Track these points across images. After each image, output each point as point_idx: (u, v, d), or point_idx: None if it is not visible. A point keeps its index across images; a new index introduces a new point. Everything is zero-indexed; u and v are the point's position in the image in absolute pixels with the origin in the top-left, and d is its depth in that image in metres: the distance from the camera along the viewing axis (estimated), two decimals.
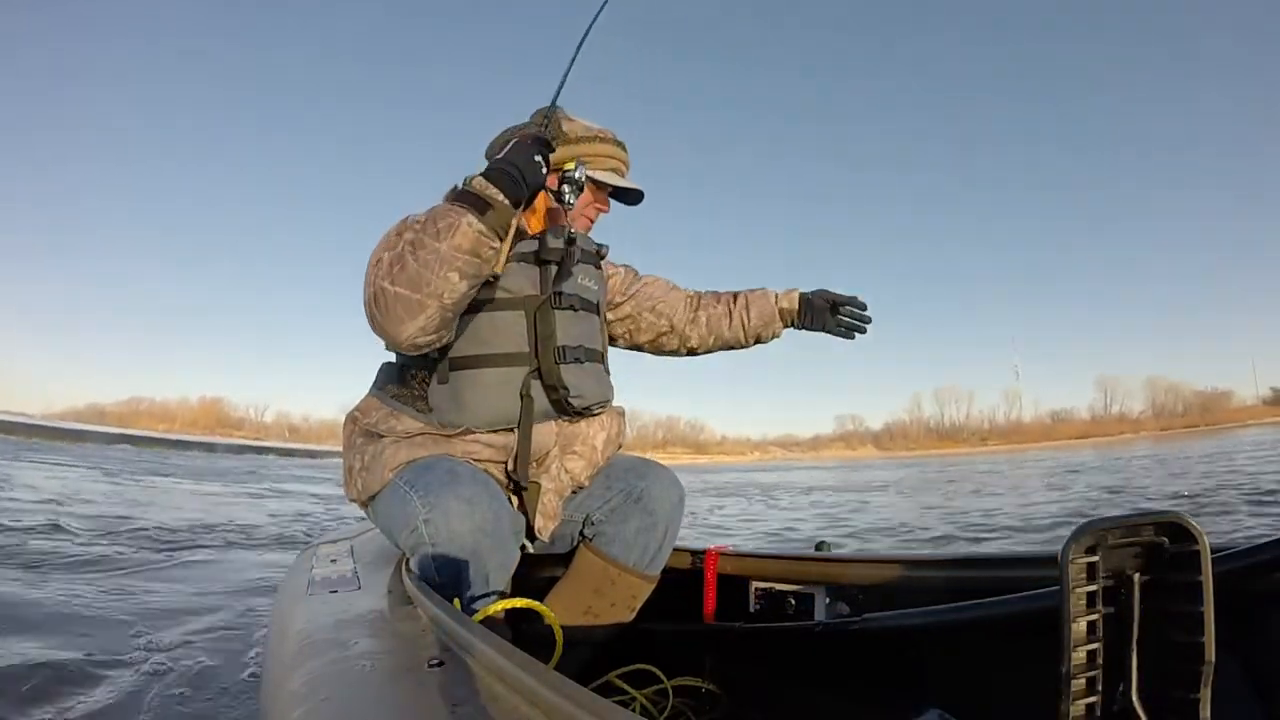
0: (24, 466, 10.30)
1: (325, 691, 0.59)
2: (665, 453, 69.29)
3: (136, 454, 21.14)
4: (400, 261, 0.98)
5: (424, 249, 0.97)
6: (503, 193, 1.00)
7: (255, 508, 7.07)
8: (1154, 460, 14.78)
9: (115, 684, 1.79)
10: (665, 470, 1.32)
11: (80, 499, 6.10)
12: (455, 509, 0.98)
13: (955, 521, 5.86)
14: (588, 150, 1.22)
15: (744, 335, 1.46)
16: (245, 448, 38.22)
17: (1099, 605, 0.61)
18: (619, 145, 1.27)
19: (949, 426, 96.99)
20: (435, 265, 0.97)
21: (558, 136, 1.18)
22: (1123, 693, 0.61)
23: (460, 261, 0.98)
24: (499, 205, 0.99)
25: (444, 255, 0.97)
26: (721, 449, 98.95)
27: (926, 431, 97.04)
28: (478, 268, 1.00)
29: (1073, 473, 12.75)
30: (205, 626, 2.36)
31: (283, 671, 0.69)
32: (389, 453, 1.11)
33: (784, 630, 1.29)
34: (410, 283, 0.98)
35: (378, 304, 1.00)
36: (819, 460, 59.99)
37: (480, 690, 0.52)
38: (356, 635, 0.72)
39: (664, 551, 1.29)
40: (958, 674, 1.07)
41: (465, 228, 0.97)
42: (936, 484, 12.72)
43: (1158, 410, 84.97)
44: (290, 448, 44.55)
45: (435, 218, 0.99)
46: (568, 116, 1.23)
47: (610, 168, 1.25)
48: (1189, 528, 0.59)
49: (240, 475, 13.65)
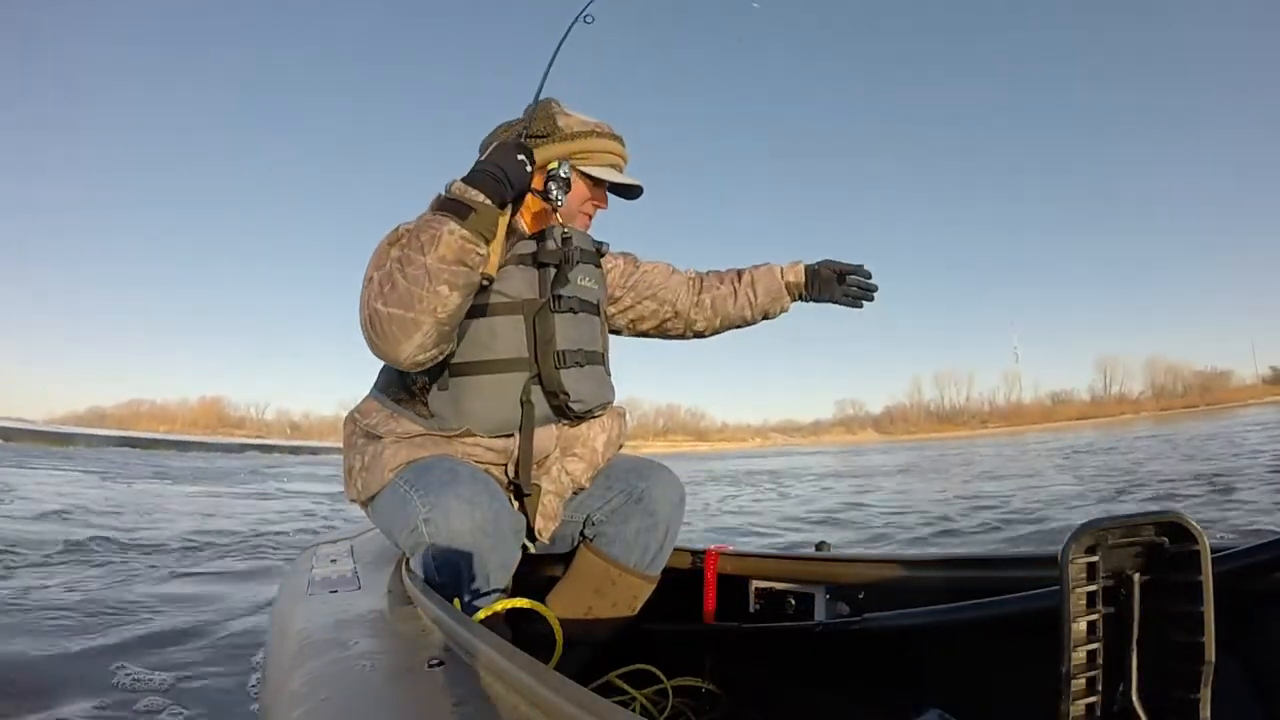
0: (26, 473, 9.98)
1: (325, 691, 0.59)
2: (666, 440, 68.72)
3: (146, 456, 20.95)
4: (390, 280, 0.98)
5: (411, 265, 0.97)
6: (485, 194, 0.99)
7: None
8: (1161, 441, 14.60)
9: (115, 683, 1.79)
10: (666, 470, 1.32)
11: (96, 510, 5.86)
12: (456, 508, 0.98)
13: (999, 508, 5.67)
14: (584, 146, 1.19)
15: (751, 312, 1.43)
16: (247, 446, 38.27)
17: (1099, 605, 0.61)
18: (616, 139, 1.24)
19: (949, 410, 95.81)
20: (424, 280, 0.96)
21: (552, 133, 1.16)
22: (1123, 693, 0.61)
23: (447, 273, 0.97)
24: (481, 208, 0.99)
25: (431, 269, 0.96)
26: (723, 436, 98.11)
27: (926, 415, 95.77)
28: (467, 276, 0.99)
29: (1079, 453, 12.60)
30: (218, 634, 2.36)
31: (283, 671, 0.69)
32: (389, 453, 1.11)
33: (784, 630, 1.29)
34: (401, 301, 0.97)
35: (373, 326, 0.99)
36: (820, 445, 59.62)
37: (480, 690, 0.52)
38: (356, 635, 0.72)
39: (665, 552, 1.29)
40: (958, 674, 1.07)
41: (448, 236, 0.97)
42: (949, 468, 12.42)
43: (1157, 391, 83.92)
44: (294, 445, 44.60)
45: (419, 230, 0.99)
46: (563, 110, 1.20)
47: (607, 163, 1.22)
48: (1189, 528, 0.59)
49: (261, 475, 13.32)
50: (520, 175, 1.04)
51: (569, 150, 1.17)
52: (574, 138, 1.18)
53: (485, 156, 1.05)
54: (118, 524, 5.01)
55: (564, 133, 1.18)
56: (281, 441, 53.10)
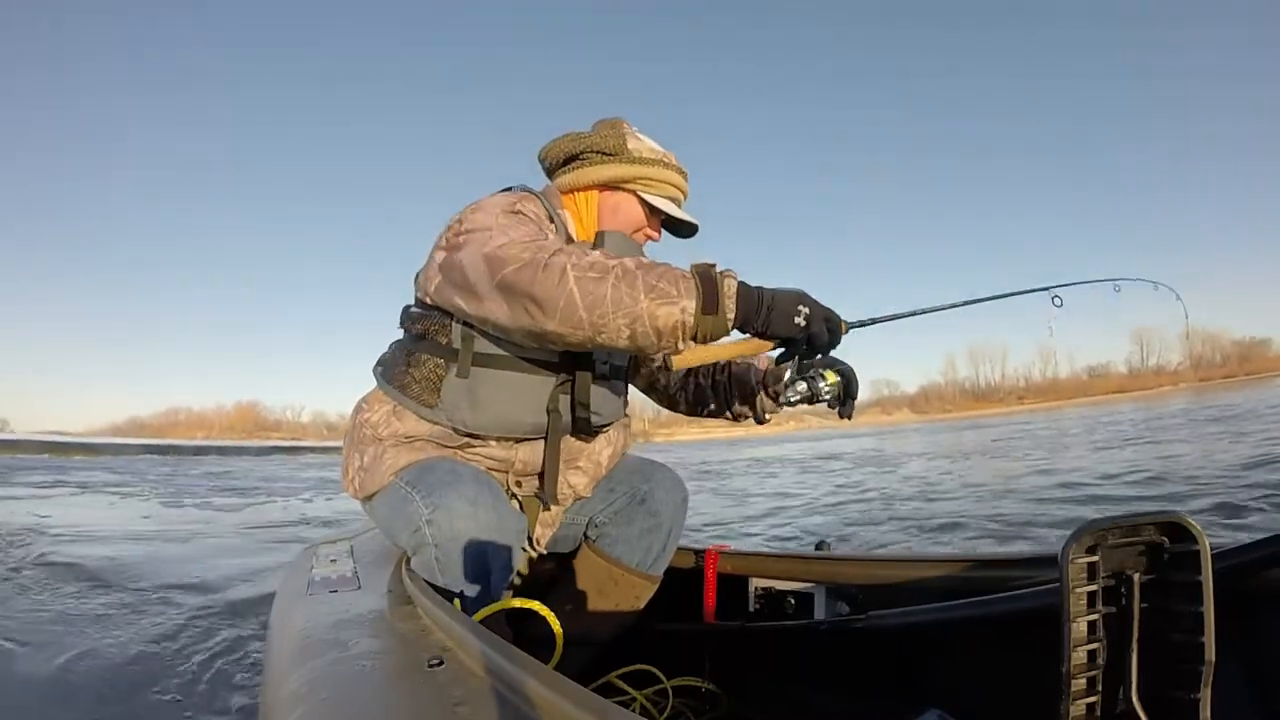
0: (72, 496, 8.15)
1: (325, 691, 0.59)
2: (701, 428, 67.46)
3: (222, 463, 19.73)
4: (598, 271, 0.89)
5: (627, 285, 0.88)
6: (736, 311, 0.91)
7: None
8: (1219, 412, 13.51)
9: (116, 685, 1.79)
10: (669, 471, 1.32)
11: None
12: (459, 509, 0.97)
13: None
14: (649, 173, 1.14)
15: (721, 407, 1.34)
16: (277, 448, 38.29)
17: (1099, 605, 0.61)
18: (681, 173, 1.19)
19: (984, 387, 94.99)
20: (622, 305, 0.87)
21: (620, 152, 1.13)
22: (1123, 693, 0.61)
23: (639, 330, 0.88)
24: (724, 320, 0.91)
25: (634, 308, 0.88)
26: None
27: (962, 393, 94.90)
28: (648, 345, 0.90)
29: (1200, 422, 11.27)
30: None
31: (283, 671, 0.69)
32: (390, 456, 1.09)
33: (784, 629, 1.29)
34: (590, 298, 0.88)
35: (512, 288, 0.91)
36: (855, 427, 57.38)
37: (480, 690, 0.52)
38: (356, 635, 0.72)
39: (667, 553, 1.29)
40: (958, 674, 1.07)
41: (679, 311, 0.88)
42: (1013, 449, 10.73)
43: (1195, 361, 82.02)
44: (325, 445, 44.42)
45: (664, 271, 0.90)
46: (634, 133, 1.17)
47: (669, 195, 1.17)
48: (1189, 528, 0.59)
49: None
50: (786, 327, 0.94)
51: (635, 174, 1.14)
52: (642, 162, 1.14)
53: (777, 289, 0.95)
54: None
55: (632, 155, 1.14)
56: (315, 443, 53.07)
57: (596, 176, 1.14)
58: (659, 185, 1.16)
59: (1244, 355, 79.46)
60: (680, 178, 1.19)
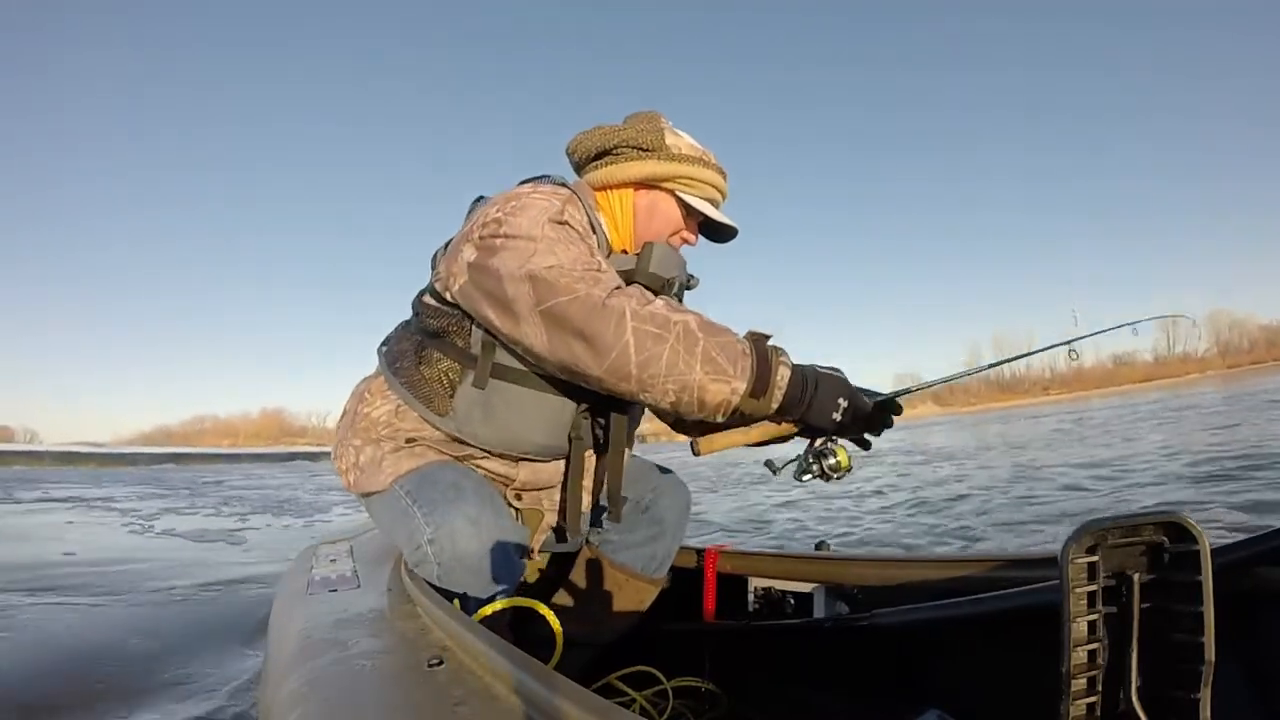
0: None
1: (325, 691, 0.59)
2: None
3: (257, 472, 19.35)
4: (658, 325, 0.85)
5: (686, 349, 0.84)
6: (784, 398, 0.88)
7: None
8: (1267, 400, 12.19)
9: (115, 684, 1.79)
10: (672, 477, 1.30)
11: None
12: (461, 530, 0.93)
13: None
14: (688, 171, 1.07)
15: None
16: (296, 455, 38.66)
17: (1099, 605, 0.61)
18: (721, 173, 1.12)
19: (1009, 378, 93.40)
20: (675, 371, 0.84)
21: (658, 148, 1.07)
22: (1123, 693, 0.61)
23: (685, 399, 0.86)
24: (766, 404, 0.88)
25: (687, 377, 0.84)
26: None
27: (986, 384, 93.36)
28: (688, 413, 0.88)
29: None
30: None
31: (282, 671, 0.69)
32: (389, 462, 1.05)
33: (784, 629, 1.29)
34: (645, 355, 0.84)
35: (589, 323, 0.85)
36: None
37: (480, 690, 0.52)
38: (356, 635, 0.72)
39: (670, 557, 1.29)
40: (958, 673, 1.07)
41: (728, 389, 0.85)
42: (1062, 440, 9.68)
43: (1223, 348, 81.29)
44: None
45: (725, 342, 0.87)
46: (672, 129, 1.10)
47: (708, 196, 1.11)
48: (1189, 527, 0.59)
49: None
50: (822, 421, 0.91)
51: (673, 172, 1.07)
52: (681, 160, 1.07)
53: (830, 373, 0.92)
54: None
55: (670, 152, 1.07)
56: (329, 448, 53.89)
57: (632, 174, 1.07)
58: (698, 185, 1.09)
59: (1271, 340, 78.06)
60: (720, 178, 1.11)
